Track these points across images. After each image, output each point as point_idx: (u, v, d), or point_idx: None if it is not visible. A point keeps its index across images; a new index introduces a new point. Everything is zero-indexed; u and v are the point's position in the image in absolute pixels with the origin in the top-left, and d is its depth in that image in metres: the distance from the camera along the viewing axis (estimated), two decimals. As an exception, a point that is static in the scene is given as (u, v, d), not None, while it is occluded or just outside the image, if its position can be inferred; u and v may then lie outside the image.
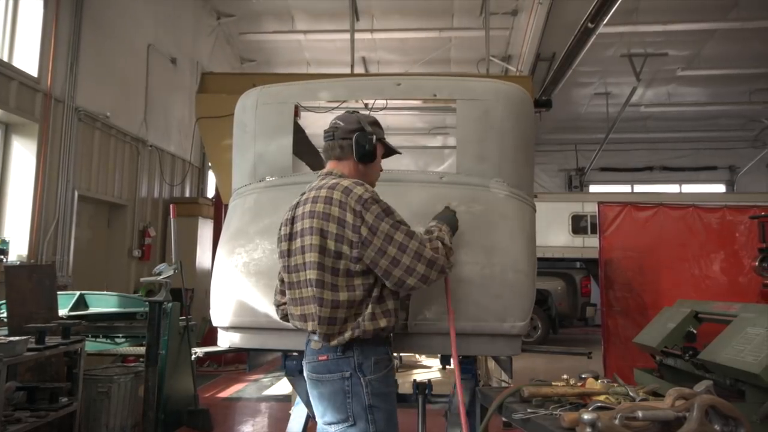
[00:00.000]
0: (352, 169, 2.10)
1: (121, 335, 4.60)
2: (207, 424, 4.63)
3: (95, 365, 4.46)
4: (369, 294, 1.92)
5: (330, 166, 2.14)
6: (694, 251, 5.51)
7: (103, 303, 4.79)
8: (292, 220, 2.06)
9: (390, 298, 1.97)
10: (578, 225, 10.44)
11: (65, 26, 6.66)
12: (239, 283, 2.53)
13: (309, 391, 2.05)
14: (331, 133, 2.13)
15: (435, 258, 1.92)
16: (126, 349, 4.72)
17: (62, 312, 4.45)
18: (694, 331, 3.85)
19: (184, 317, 4.70)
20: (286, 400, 6.03)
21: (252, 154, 2.80)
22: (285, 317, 2.18)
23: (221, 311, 2.56)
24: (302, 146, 5.02)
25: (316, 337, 1.98)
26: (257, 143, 2.79)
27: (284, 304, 2.16)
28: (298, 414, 2.89)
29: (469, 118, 2.62)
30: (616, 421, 1.24)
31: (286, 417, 5.43)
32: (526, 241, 2.53)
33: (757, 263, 4.98)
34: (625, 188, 15.84)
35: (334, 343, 1.89)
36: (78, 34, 6.83)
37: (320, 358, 1.95)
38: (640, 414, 1.25)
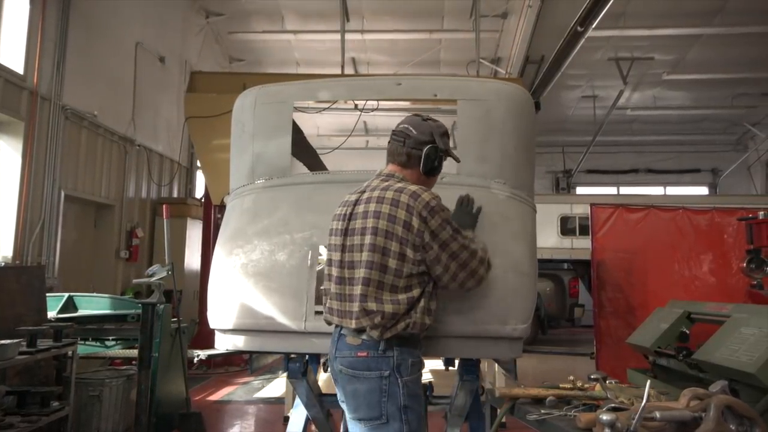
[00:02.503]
0: (415, 178, 2.15)
1: (111, 338, 4.51)
2: (199, 427, 4.56)
3: (84, 369, 4.38)
4: (423, 292, 1.99)
5: (392, 168, 2.17)
6: (684, 252, 5.59)
7: (92, 305, 4.71)
8: (350, 216, 2.07)
9: (435, 297, 2.06)
10: (566, 227, 10.52)
11: (52, 23, 6.55)
12: (238, 284, 2.49)
13: (341, 385, 2.05)
14: (401, 139, 2.14)
15: (476, 269, 2.07)
16: (117, 352, 4.64)
17: (50, 314, 4.36)
18: (687, 332, 3.89)
19: (175, 319, 4.64)
20: (277, 403, 5.98)
21: (250, 154, 2.77)
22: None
23: (219, 313, 2.52)
24: (300, 147, 4.98)
25: (352, 333, 1.99)
26: (255, 143, 2.75)
27: None
28: (297, 416, 2.85)
29: (471, 118, 2.61)
30: (634, 422, 1.24)
31: (278, 419, 5.41)
32: (527, 242, 2.53)
33: (745, 264, 5.06)
34: (611, 190, 16.02)
35: (387, 336, 1.93)
36: (65, 31, 6.72)
37: (359, 354, 1.97)
38: (657, 414, 1.25)
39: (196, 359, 2.24)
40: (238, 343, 2.50)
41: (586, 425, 1.35)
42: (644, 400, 1.18)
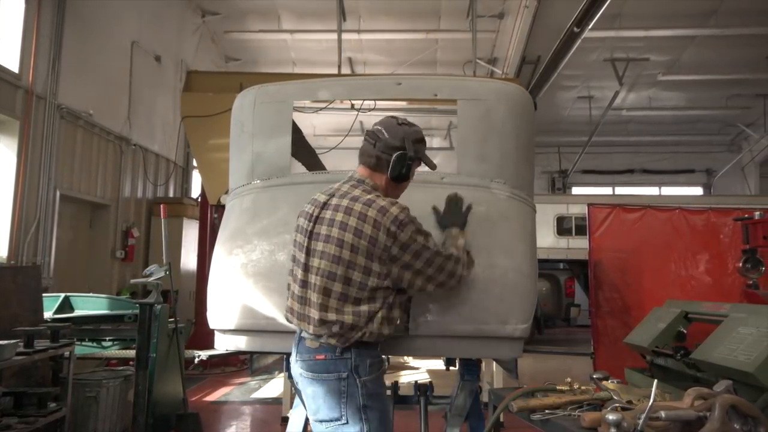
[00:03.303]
0: (383, 183, 2.14)
1: (108, 338, 4.48)
2: (197, 428, 4.54)
3: (79, 369, 4.35)
4: (384, 302, 1.99)
5: (362, 171, 2.16)
6: (680, 252, 5.62)
7: (89, 305, 4.67)
8: (316, 219, 2.06)
9: (397, 307, 2.06)
10: (563, 227, 10.56)
11: (47, 22, 6.50)
12: (238, 284, 2.48)
13: (302, 388, 2.08)
14: (372, 141, 2.13)
15: (453, 270, 2.08)
16: (114, 352, 4.61)
17: (46, 315, 4.33)
18: (684, 331, 3.90)
19: (173, 319, 4.61)
20: (274, 403, 5.97)
21: (250, 153, 2.75)
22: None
23: (219, 314, 2.51)
24: (299, 147, 4.96)
25: (310, 336, 2.00)
26: (255, 142, 2.74)
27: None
28: (297, 416, 2.84)
29: (471, 118, 2.61)
30: (640, 422, 1.24)
31: (275, 420, 5.39)
32: (527, 242, 2.53)
33: (740, 264, 5.08)
34: (607, 190, 16.09)
35: (344, 344, 1.95)
36: (60, 30, 6.67)
37: (317, 357, 1.99)
38: (662, 414, 1.26)
39: (197, 359, 2.22)
40: (238, 343, 2.49)
41: (591, 425, 1.35)
42: (651, 400, 1.19)
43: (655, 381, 1.35)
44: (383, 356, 2.13)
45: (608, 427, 1.27)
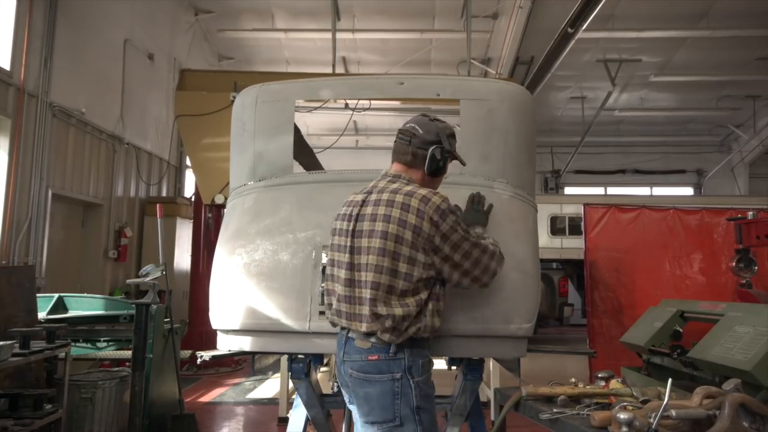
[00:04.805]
0: (420, 178, 2.13)
1: (103, 339, 4.44)
2: (193, 429, 4.51)
3: (73, 371, 4.30)
4: (430, 294, 1.99)
5: (397, 168, 2.15)
6: (674, 252, 5.66)
7: (83, 305, 4.63)
8: (357, 217, 2.05)
9: (443, 298, 2.06)
10: (556, 226, 10.61)
11: (39, 19, 6.42)
12: (240, 284, 2.46)
13: (352, 389, 2.04)
14: (407, 139, 2.13)
15: (488, 265, 2.07)
16: (109, 353, 4.57)
17: (40, 315, 4.28)
18: (680, 330, 3.94)
19: (168, 319, 4.58)
20: (270, 404, 5.95)
21: (251, 153, 2.73)
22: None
23: (222, 314, 2.49)
24: (298, 147, 4.94)
25: (361, 337, 1.98)
26: (257, 142, 2.72)
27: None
28: (297, 416, 2.83)
29: (473, 118, 2.61)
30: (651, 420, 1.25)
31: (271, 420, 5.37)
32: (530, 241, 2.53)
33: (734, 263, 5.14)
34: (599, 190, 16.21)
35: (398, 340, 1.93)
36: (52, 27, 6.60)
37: (370, 357, 1.97)
38: (673, 413, 1.26)
39: (199, 360, 2.20)
40: (241, 343, 2.47)
41: (601, 424, 1.35)
42: (666, 399, 1.19)
43: (670, 380, 1.36)
44: (431, 357, 2.11)
45: (619, 426, 1.27)
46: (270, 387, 6.72)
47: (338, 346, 2.09)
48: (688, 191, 16.96)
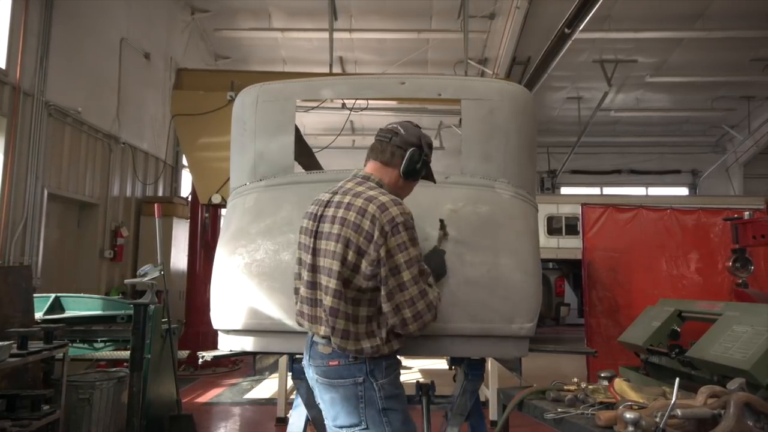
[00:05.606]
0: (392, 179, 2.08)
1: (100, 339, 4.41)
2: (190, 429, 4.49)
3: (70, 371, 4.28)
4: (380, 311, 1.91)
5: (371, 167, 2.11)
6: (671, 252, 5.69)
7: (80, 306, 4.60)
8: (320, 218, 2.02)
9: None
10: (552, 226, 10.64)
11: (35, 18, 6.38)
12: (241, 284, 2.45)
13: (319, 395, 2.04)
14: (388, 137, 2.10)
15: (422, 313, 1.89)
16: (106, 353, 4.55)
17: (37, 315, 4.25)
18: (678, 330, 3.96)
19: (165, 320, 4.56)
20: (267, 404, 5.94)
21: (252, 152, 2.73)
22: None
23: (223, 314, 2.49)
24: (297, 147, 4.93)
25: (323, 341, 1.96)
26: (257, 142, 2.72)
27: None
28: (297, 416, 2.82)
29: (474, 118, 2.61)
30: (658, 420, 1.25)
31: (269, 420, 5.36)
32: (531, 241, 2.54)
33: (730, 263, 5.16)
34: (595, 191, 16.27)
35: (350, 351, 1.89)
36: (48, 26, 6.56)
37: (331, 363, 1.94)
38: (679, 412, 1.27)
39: (201, 360, 2.19)
40: (242, 344, 2.47)
41: (607, 423, 1.35)
42: (674, 398, 1.20)
43: (677, 380, 1.36)
44: (398, 356, 2.07)
45: (625, 426, 1.28)
46: (267, 387, 6.71)
47: (305, 348, 2.08)
48: (683, 191, 17.06)
